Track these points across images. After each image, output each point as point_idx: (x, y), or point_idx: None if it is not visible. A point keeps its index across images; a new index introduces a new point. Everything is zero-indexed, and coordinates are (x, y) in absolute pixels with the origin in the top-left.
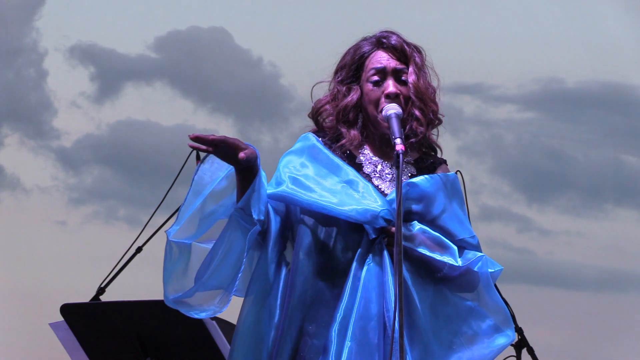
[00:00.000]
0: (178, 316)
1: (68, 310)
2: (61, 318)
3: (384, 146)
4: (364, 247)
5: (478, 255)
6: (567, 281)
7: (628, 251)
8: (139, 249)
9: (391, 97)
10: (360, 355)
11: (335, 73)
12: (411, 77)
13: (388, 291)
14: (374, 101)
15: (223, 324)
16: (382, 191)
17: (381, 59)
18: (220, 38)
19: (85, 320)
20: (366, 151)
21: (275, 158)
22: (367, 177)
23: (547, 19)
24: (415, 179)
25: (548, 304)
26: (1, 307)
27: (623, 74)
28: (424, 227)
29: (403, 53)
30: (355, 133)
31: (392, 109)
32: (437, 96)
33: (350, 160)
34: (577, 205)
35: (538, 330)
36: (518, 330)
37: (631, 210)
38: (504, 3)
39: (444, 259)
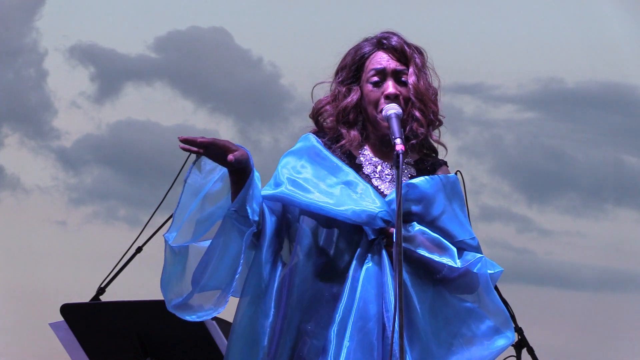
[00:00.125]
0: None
1: (68, 310)
2: (61, 318)
3: (384, 147)
4: (363, 248)
5: (477, 256)
6: (567, 281)
7: (628, 251)
8: (139, 249)
9: (391, 98)
10: (358, 355)
11: (336, 74)
12: (411, 78)
13: (387, 292)
14: (374, 102)
15: (223, 324)
16: (382, 192)
17: (381, 60)
18: (220, 38)
19: (85, 320)
20: (366, 152)
21: (275, 158)
22: (367, 178)
23: (547, 19)
24: (414, 180)
25: (548, 304)
26: (1, 307)
27: (623, 74)
28: (423, 229)
29: (403, 54)
30: (355, 134)
31: (392, 109)
32: (438, 97)
33: (350, 160)
34: (577, 205)
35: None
36: (518, 330)
37: (631, 210)
38: (504, 3)
39: (443, 260)
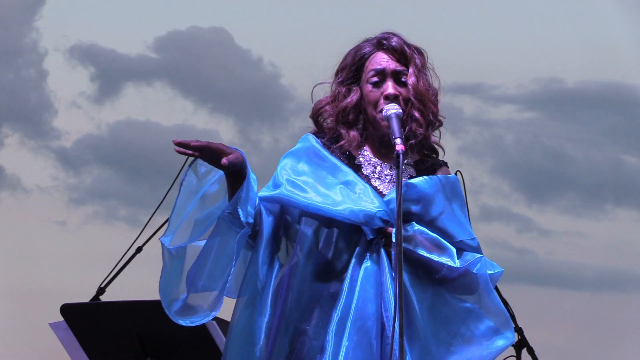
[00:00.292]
0: None
1: (68, 310)
2: (61, 318)
3: (384, 148)
4: (362, 248)
5: (477, 256)
6: (567, 281)
7: (628, 251)
8: (139, 249)
9: (390, 99)
10: (357, 354)
11: (336, 74)
12: (411, 79)
13: (386, 291)
14: (373, 102)
15: (223, 324)
16: (381, 192)
17: (381, 61)
18: (220, 38)
19: (85, 320)
20: (366, 152)
21: (275, 158)
22: (366, 178)
23: (547, 19)
24: (413, 180)
25: (548, 304)
26: (1, 307)
27: (623, 74)
28: (422, 228)
29: (403, 54)
30: (354, 134)
31: (392, 109)
32: (438, 98)
33: (349, 161)
34: (577, 205)
35: (538, 330)
36: (518, 330)
37: (631, 210)
38: (504, 3)
39: (442, 260)
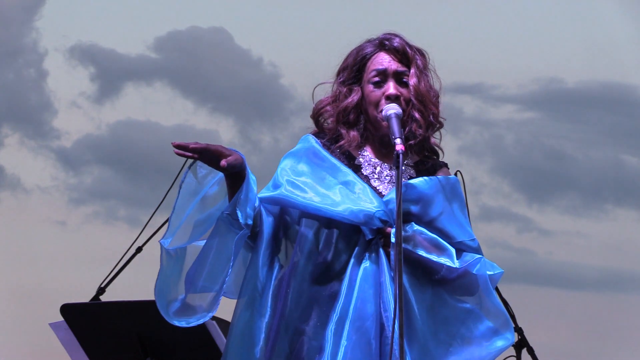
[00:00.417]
0: None
1: (68, 310)
2: (61, 318)
3: (384, 148)
4: (361, 248)
5: (476, 257)
6: (567, 281)
7: (628, 251)
8: (139, 249)
9: (391, 99)
10: (356, 354)
11: (337, 74)
12: (412, 80)
13: (385, 291)
14: (374, 102)
15: (223, 324)
16: (380, 192)
17: (382, 61)
18: (220, 38)
19: (85, 320)
20: (366, 153)
21: (275, 158)
22: (366, 179)
23: (547, 19)
24: (413, 181)
25: (548, 304)
26: (1, 307)
27: (623, 74)
28: (421, 229)
29: (405, 55)
30: (355, 134)
31: (392, 109)
32: (439, 99)
33: (349, 161)
34: (577, 205)
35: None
36: (518, 330)
37: (631, 210)
38: (504, 3)
39: (441, 261)
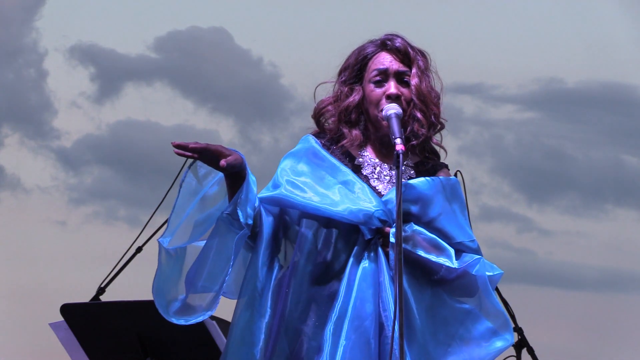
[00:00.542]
0: None
1: (68, 310)
2: (61, 318)
3: (384, 148)
4: (360, 248)
5: (475, 258)
6: (567, 281)
7: (628, 251)
8: (139, 249)
9: (392, 98)
10: (355, 353)
11: (338, 74)
12: (413, 80)
13: (384, 291)
14: (375, 102)
15: (223, 324)
16: (379, 192)
17: (384, 61)
18: (220, 38)
19: (85, 320)
20: (366, 153)
21: (275, 158)
22: (365, 179)
23: (547, 19)
24: (412, 181)
25: (548, 304)
26: (1, 307)
27: (623, 74)
28: (420, 229)
29: (407, 56)
30: (357, 133)
31: (392, 109)
32: (440, 101)
33: (349, 161)
34: (577, 205)
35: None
36: (518, 330)
37: (631, 210)
38: (504, 3)
39: (440, 261)
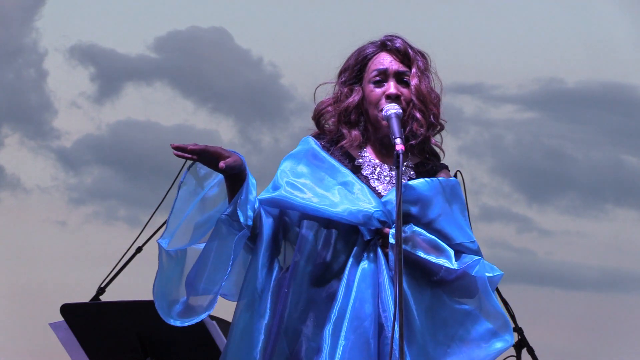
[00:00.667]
0: None
1: (68, 310)
2: (61, 318)
3: (384, 149)
4: (359, 248)
5: (475, 259)
6: (567, 281)
7: (628, 251)
8: (139, 249)
9: (391, 98)
10: (354, 354)
11: (338, 75)
12: (413, 80)
13: (383, 291)
14: (375, 102)
15: (223, 324)
16: (379, 193)
17: (384, 61)
18: (220, 38)
19: (85, 320)
20: (366, 153)
21: (275, 158)
22: (365, 179)
23: (547, 19)
24: (412, 182)
25: (548, 304)
26: (1, 307)
27: (623, 74)
28: (419, 230)
29: (406, 56)
30: (356, 133)
31: (392, 109)
32: (441, 102)
33: (349, 162)
34: (577, 205)
35: (538, 330)
36: (518, 330)
37: (631, 210)
38: (504, 3)
39: (440, 262)
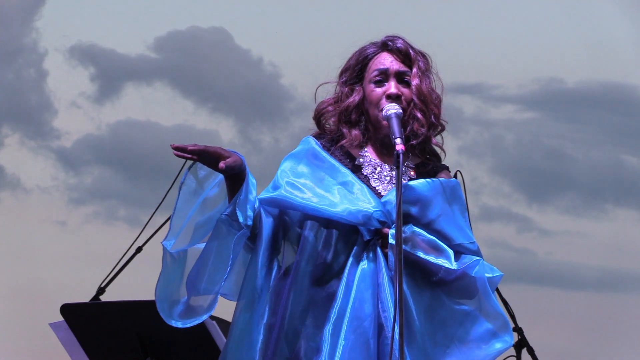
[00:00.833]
0: None
1: (68, 310)
2: (61, 318)
3: (385, 149)
4: (359, 248)
5: (475, 259)
6: (567, 281)
7: (628, 251)
8: (139, 249)
9: (392, 98)
10: (354, 354)
11: (339, 75)
12: (414, 80)
13: (383, 292)
14: (375, 102)
15: (223, 324)
16: (379, 193)
17: (384, 61)
18: (220, 38)
19: (85, 320)
20: (367, 153)
21: (275, 158)
22: (365, 179)
23: (547, 19)
24: (412, 182)
25: (548, 304)
26: (1, 307)
27: (623, 74)
28: (419, 230)
29: (407, 56)
30: (357, 133)
31: (393, 109)
32: (442, 103)
33: (350, 161)
34: (577, 205)
35: (538, 330)
36: (518, 330)
37: (631, 210)
38: (504, 3)
39: (439, 262)
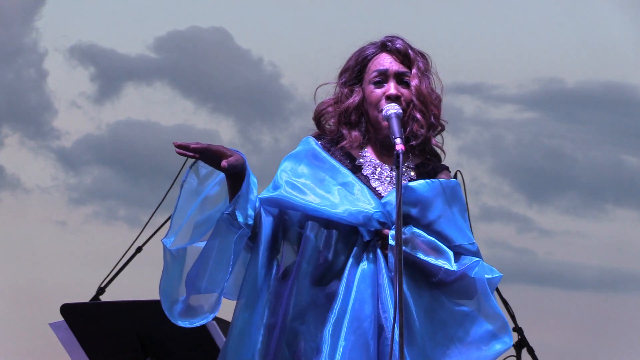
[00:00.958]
0: None
1: (68, 310)
2: (61, 318)
3: (385, 150)
4: (359, 249)
5: (474, 260)
6: (567, 281)
7: (628, 251)
8: (139, 249)
9: (391, 99)
10: (354, 355)
11: (339, 76)
12: (414, 80)
13: (383, 292)
14: (375, 102)
15: (223, 324)
16: (379, 193)
17: (384, 62)
18: (220, 38)
19: (85, 320)
20: (367, 153)
21: (275, 158)
22: (366, 179)
23: (547, 19)
24: (412, 183)
25: (548, 304)
26: (1, 307)
27: (623, 74)
28: (419, 231)
29: (407, 57)
30: (356, 134)
31: (392, 109)
32: (442, 103)
33: (350, 162)
34: (577, 205)
35: (538, 330)
36: (518, 330)
37: (631, 210)
38: (504, 3)
39: (439, 263)
